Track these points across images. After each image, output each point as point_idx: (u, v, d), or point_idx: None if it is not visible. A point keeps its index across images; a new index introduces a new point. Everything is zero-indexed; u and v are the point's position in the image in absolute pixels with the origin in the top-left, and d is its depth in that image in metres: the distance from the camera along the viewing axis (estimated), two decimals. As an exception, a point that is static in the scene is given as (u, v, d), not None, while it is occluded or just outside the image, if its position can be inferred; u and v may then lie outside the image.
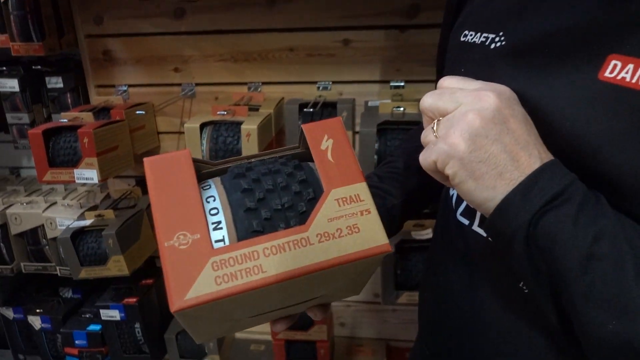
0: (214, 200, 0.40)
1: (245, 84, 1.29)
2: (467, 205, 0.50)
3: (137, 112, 1.22)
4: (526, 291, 0.42)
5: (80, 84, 1.32)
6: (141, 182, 1.42)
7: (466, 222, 0.49)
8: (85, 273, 1.22)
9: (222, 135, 1.06)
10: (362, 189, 0.41)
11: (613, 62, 0.34)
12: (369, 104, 1.19)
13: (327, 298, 0.49)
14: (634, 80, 0.33)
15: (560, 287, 0.34)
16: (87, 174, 1.10)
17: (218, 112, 1.07)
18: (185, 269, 0.36)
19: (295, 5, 1.20)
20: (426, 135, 0.41)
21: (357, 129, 1.24)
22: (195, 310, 0.36)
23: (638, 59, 0.33)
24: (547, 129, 0.38)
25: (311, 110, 1.11)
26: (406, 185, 0.61)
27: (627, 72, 0.34)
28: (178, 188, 0.39)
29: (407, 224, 1.16)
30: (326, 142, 0.43)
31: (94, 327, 1.44)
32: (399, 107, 1.06)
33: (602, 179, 0.35)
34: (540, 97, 0.38)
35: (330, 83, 1.26)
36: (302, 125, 0.44)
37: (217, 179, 0.43)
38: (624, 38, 0.34)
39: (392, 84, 1.24)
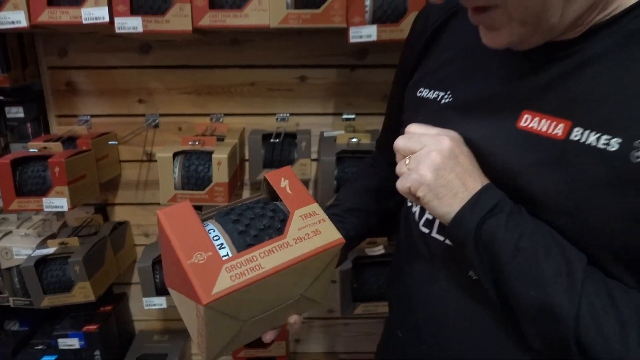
0: (214, 231, 0.55)
1: (208, 115, 1.38)
2: (426, 219, 0.63)
3: (110, 142, 1.26)
4: (474, 278, 0.55)
5: (40, 114, 1.34)
6: (101, 209, 1.44)
7: (427, 230, 0.63)
8: (48, 301, 1.22)
9: (194, 163, 1.14)
10: (315, 207, 0.58)
11: (525, 115, 0.50)
12: (325, 134, 1.32)
13: (302, 305, 0.62)
14: (538, 128, 0.48)
15: (498, 271, 0.48)
16: (57, 202, 1.13)
17: (190, 142, 1.15)
18: (207, 276, 0.48)
19: (257, 44, 1.32)
20: (400, 168, 0.55)
21: (314, 156, 1.37)
22: (219, 303, 0.48)
23: (542, 113, 0.48)
24: (483, 162, 0.53)
25: (276, 140, 1.22)
26: (347, 225, 0.76)
27: (534, 123, 0.49)
28: (187, 226, 0.52)
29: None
30: (284, 182, 0.60)
31: (48, 358, 1.41)
32: (354, 138, 1.20)
33: (522, 197, 0.50)
34: (477, 140, 0.53)
35: (288, 115, 1.38)
36: (265, 175, 0.62)
37: (212, 220, 0.58)
38: (532, 100, 0.50)
39: (344, 116, 1.38)
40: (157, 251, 1.26)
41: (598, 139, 0.44)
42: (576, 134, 0.45)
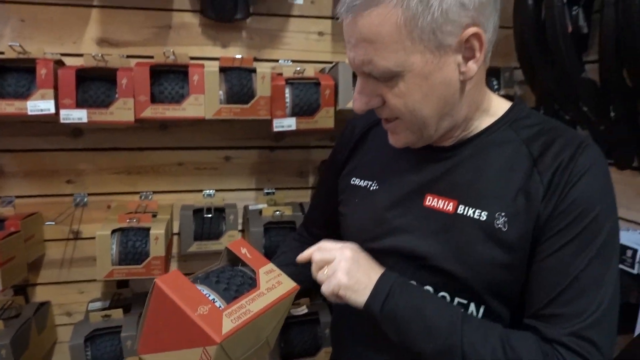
0: (204, 290, 0.69)
1: (137, 193, 1.47)
2: None
3: (47, 223, 1.29)
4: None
5: (-40, 197, 1.33)
6: (20, 290, 1.42)
7: None
8: (-33, 391, 1.17)
9: (132, 240, 1.23)
10: (272, 265, 0.75)
11: (428, 197, 0.72)
12: (250, 207, 1.48)
13: (261, 350, 0.76)
14: (437, 206, 0.70)
15: (403, 334, 0.66)
16: (-13, 285, 1.13)
17: (127, 220, 1.23)
18: (213, 322, 0.62)
19: (185, 129, 1.47)
20: (320, 276, 0.72)
21: (240, 227, 1.51)
22: (227, 342, 0.61)
23: (439, 195, 0.71)
24: (402, 231, 0.73)
25: (209, 215, 1.35)
26: None
27: (434, 202, 0.71)
28: (184, 288, 0.65)
29: (286, 304, 1.43)
30: (243, 249, 0.77)
31: None
32: (277, 211, 1.38)
33: (430, 252, 0.69)
34: (396, 216, 0.74)
35: (214, 191, 1.52)
36: (226, 246, 0.77)
37: (196, 283, 0.71)
38: (432, 186, 0.72)
39: (265, 191, 1.56)
40: (87, 329, 1.28)
41: (474, 212, 0.67)
42: (461, 209, 0.68)
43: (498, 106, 0.72)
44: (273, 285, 0.72)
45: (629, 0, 0.97)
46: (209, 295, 0.66)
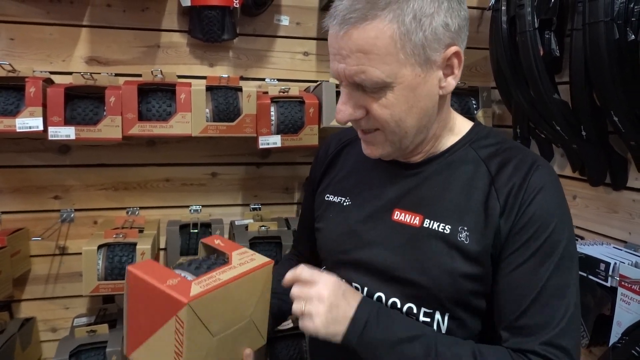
0: (176, 271, 0.70)
1: (124, 208, 1.49)
2: None
3: (33, 238, 1.30)
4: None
5: (-54, 213, 1.34)
6: (5, 306, 1.42)
7: None
8: (-51, 408, 1.17)
9: (118, 255, 1.24)
10: (246, 249, 0.77)
11: (396, 212, 0.75)
12: (236, 223, 1.50)
13: (251, 335, 0.77)
14: (405, 220, 0.74)
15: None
16: (-28, 301, 1.13)
17: (114, 235, 1.25)
18: (182, 288, 0.63)
19: (172, 145, 1.50)
20: (299, 308, 0.70)
21: (226, 243, 1.53)
22: (196, 303, 0.62)
23: (406, 210, 0.74)
24: (371, 244, 0.76)
25: (195, 230, 1.37)
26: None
27: (402, 216, 0.74)
28: (156, 269, 0.67)
29: (271, 318, 1.44)
30: (217, 241, 0.79)
31: None
32: (263, 226, 1.40)
33: (398, 264, 0.72)
34: (367, 229, 0.77)
35: (201, 207, 1.54)
36: (201, 240, 0.80)
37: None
38: (400, 201, 0.75)
39: (251, 206, 1.58)
40: (72, 344, 1.29)
41: (438, 226, 0.71)
42: (426, 223, 0.72)
43: (461, 125, 0.77)
44: (245, 261, 0.73)
45: (595, 26, 1.02)
46: (181, 274, 0.68)
